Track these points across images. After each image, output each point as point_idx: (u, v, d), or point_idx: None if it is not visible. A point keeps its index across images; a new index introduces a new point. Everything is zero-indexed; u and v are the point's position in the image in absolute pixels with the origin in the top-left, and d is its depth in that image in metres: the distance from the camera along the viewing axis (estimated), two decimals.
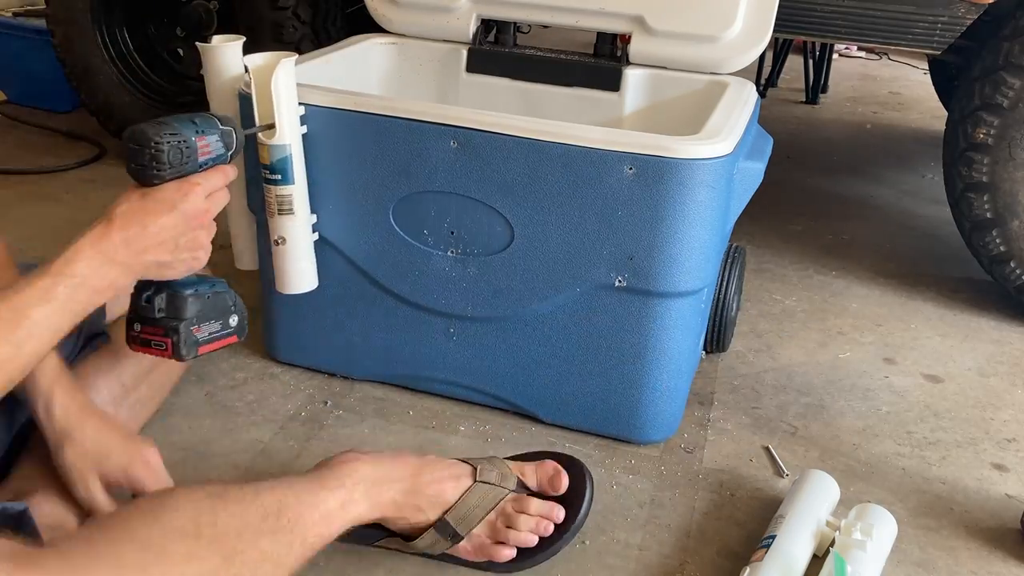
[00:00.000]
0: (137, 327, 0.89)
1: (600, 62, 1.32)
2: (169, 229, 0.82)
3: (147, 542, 0.67)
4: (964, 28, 1.38)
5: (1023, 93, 1.38)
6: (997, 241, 1.47)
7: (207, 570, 0.69)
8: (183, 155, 0.83)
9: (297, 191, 1.06)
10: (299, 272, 1.11)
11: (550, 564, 0.93)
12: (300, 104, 1.05)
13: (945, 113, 2.25)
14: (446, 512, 0.89)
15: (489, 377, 1.16)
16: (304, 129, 1.07)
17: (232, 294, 0.94)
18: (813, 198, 2.13)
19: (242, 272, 1.25)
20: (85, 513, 0.87)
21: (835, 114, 2.92)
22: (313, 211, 1.11)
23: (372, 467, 0.87)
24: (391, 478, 0.87)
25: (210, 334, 0.92)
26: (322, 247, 1.14)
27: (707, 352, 1.35)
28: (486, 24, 1.37)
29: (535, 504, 0.92)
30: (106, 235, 0.79)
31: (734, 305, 1.33)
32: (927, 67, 2.91)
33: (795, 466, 1.12)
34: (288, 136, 1.03)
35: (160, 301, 0.87)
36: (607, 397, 1.12)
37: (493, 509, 0.91)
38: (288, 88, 1.02)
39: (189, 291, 0.88)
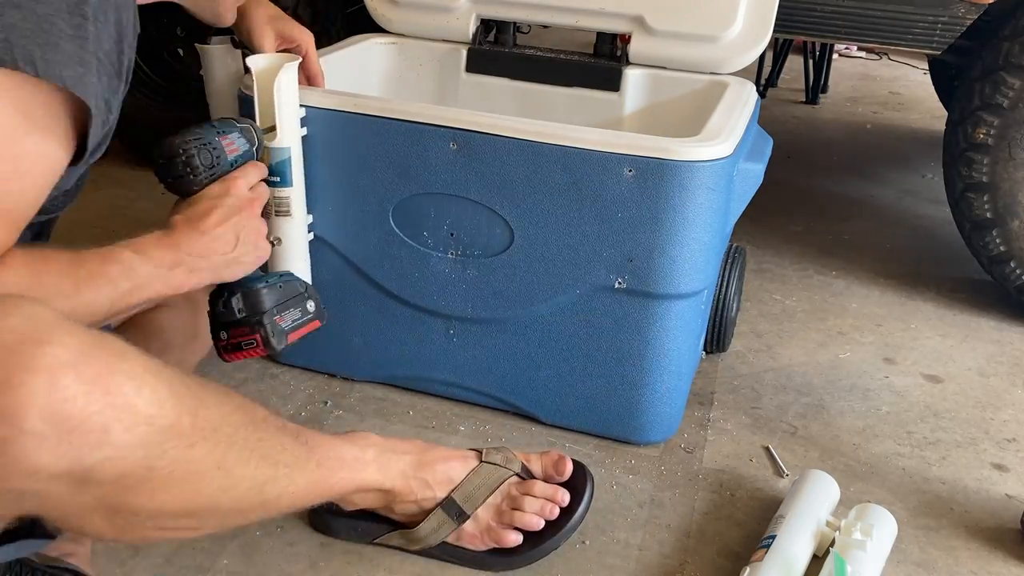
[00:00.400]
0: (224, 335, 0.90)
1: (600, 62, 1.32)
2: (224, 226, 0.83)
3: (189, 376, 0.68)
4: (964, 28, 1.38)
5: (1023, 93, 1.38)
6: (997, 241, 1.47)
7: (239, 418, 0.70)
8: (212, 155, 0.84)
9: (295, 193, 1.06)
10: (293, 273, 1.11)
11: (550, 564, 0.94)
12: (301, 106, 1.06)
13: (945, 113, 2.25)
14: (452, 491, 0.90)
15: (489, 378, 1.16)
16: (304, 131, 1.07)
17: (301, 281, 0.96)
18: (813, 198, 2.14)
19: None
20: None
21: (835, 114, 2.92)
22: (312, 212, 1.11)
23: (382, 438, 0.89)
24: (400, 450, 0.90)
25: (293, 321, 0.94)
26: (322, 248, 1.14)
27: (707, 352, 1.35)
28: (486, 24, 1.37)
29: (540, 486, 0.93)
30: (167, 241, 0.80)
31: (734, 305, 1.33)
32: (927, 67, 2.90)
33: (795, 466, 1.12)
34: (288, 139, 1.03)
35: (237, 302, 0.89)
36: (607, 398, 1.12)
37: (498, 489, 0.92)
38: (290, 92, 1.02)
39: (261, 284, 0.90)
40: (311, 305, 0.95)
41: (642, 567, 0.95)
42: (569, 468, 0.96)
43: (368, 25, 1.40)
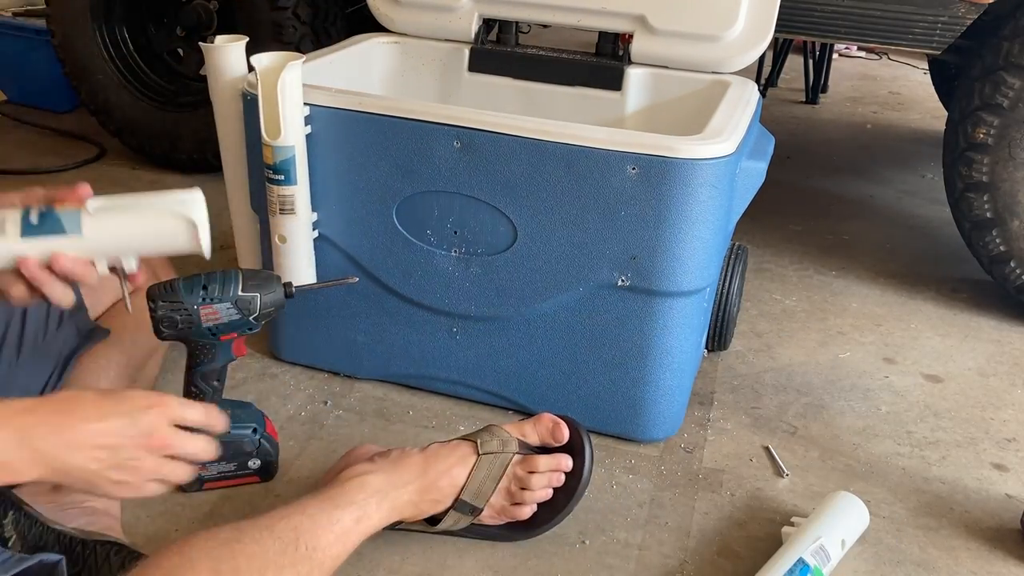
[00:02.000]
0: None
1: (602, 61, 1.32)
2: (112, 436, 0.68)
3: None
4: (964, 28, 1.38)
5: (1023, 93, 1.38)
6: (997, 241, 1.47)
7: None
8: (181, 319, 0.85)
9: (299, 191, 1.06)
10: (297, 270, 1.11)
11: (550, 564, 0.94)
12: (305, 104, 1.06)
13: (945, 113, 2.26)
14: (460, 493, 0.91)
15: (492, 376, 1.16)
16: (308, 129, 1.07)
17: (254, 438, 0.98)
18: (813, 198, 2.14)
19: None
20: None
21: (835, 114, 2.92)
22: (316, 210, 1.11)
23: (381, 477, 0.87)
24: (401, 482, 0.88)
25: (220, 473, 0.99)
26: (326, 246, 1.14)
27: (709, 350, 1.35)
28: (488, 23, 1.37)
29: (543, 461, 0.94)
30: (33, 411, 0.67)
31: (736, 303, 1.34)
32: (927, 67, 2.91)
33: (795, 466, 1.12)
34: (292, 138, 1.03)
35: None
36: (610, 395, 1.12)
37: (503, 476, 0.93)
38: (294, 90, 1.02)
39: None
40: (254, 463, 1.00)
41: (642, 567, 0.95)
42: (566, 433, 0.96)
43: (368, 24, 1.40)
